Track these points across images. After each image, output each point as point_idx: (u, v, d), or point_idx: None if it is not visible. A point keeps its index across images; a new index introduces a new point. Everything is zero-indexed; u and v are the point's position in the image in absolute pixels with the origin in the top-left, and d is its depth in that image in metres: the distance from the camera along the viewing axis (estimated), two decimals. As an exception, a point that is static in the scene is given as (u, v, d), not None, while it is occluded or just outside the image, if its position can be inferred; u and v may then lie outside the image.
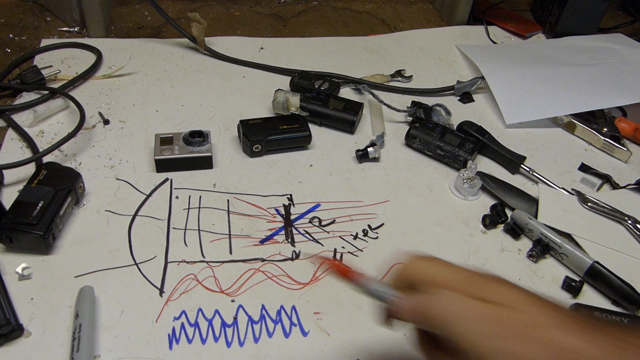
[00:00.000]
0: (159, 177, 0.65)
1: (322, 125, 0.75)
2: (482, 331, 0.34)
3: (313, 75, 0.81)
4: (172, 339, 0.49)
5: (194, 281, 0.54)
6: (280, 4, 1.04)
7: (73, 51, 0.84)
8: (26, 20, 0.91)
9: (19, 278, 0.52)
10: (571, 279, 0.57)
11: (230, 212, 0.62)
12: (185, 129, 0.69)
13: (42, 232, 0.53)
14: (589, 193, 0.67)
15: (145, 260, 0.56)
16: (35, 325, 0.49)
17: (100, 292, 0.52)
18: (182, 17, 0.95)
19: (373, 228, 0.62)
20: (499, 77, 0.82)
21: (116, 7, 0.97)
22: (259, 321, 0.51)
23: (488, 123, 0.77)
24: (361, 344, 0.50)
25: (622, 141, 0.76)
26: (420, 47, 0.94)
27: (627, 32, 1.00)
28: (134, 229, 0.58)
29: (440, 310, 0.36)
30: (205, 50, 0.86)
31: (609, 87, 0.81)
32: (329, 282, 0.55)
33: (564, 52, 0.90)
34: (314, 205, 0.63)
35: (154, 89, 0.79)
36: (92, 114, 0.73)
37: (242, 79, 0.83)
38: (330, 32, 0.97)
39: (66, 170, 0.60)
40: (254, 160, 0.69)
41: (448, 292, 0.36)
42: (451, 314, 0.35)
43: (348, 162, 0.70)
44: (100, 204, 0.61)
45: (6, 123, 0.70)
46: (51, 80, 0.77)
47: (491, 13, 1.04)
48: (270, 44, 0.91)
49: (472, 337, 0.34)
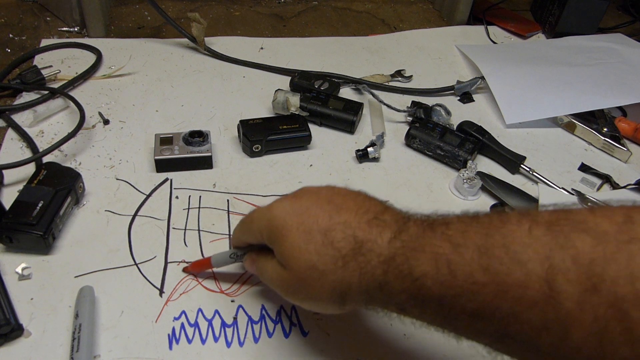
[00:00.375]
0: (159, 177, 0.65)
1: (322, 125, 0.75)
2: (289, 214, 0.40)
3: (313, 75, 0.81)
4: (172, 339, 0.49)
5: (193, 281, 0.54)
6: (280, 4, 1.04)
7: (73, 51, 0.84)
8: (26, 20, 0.91)
9: (19, 278, 0.52)
10: (571, 279, 0.56)
11: (230, 212, 0.62)
12: (185, 129, 0.69)
13: (42, 232, 0.53)
14: (589, 193, 0.67)
15: (145, 260, 0.56)
16: (35, 325, 0.49)
17: (100, 292, 0.52)
18: (182, 17, 0.95)
19: (373, 228, 0.61)
20: (499, 77, 0.82)
21: (116, 7, 0.97)
22: (259, 321, 0.51)
23: (488, 123, 0.77)
24: (361, 344, 0.50)
25: (622, 141, 0.76)
26: (420, 47, 0.94)
27: (627, 32, 1.00)
28: (134, 229, 0.58)
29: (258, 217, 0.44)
30: (205, 50, 0.86)
31: (609, 87, 0.81)
32: (328, 282, 0.55)
33: (564, 52, 0.90)
34: (314, 205, 0.63)
35: (154, 89, 0.79)
36: (92, 114, 0.73)
37: (242, 79, 0.83)
38: (330, 32, 0.97)
39: (66, 170, 0.60)
40: (254, 160, 0.69)
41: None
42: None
43: (348, 162, 0.70)
44: (100, 204, 0.61)
45: (6, 123, 0.70)
46: (51, 80, 0.77)
47: (491, 13, 1.04)
48: (270, 44, 0.91)
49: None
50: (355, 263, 0.37)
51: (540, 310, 0.30)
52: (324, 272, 0.38)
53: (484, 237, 0.33)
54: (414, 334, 0.51)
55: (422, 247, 0.35)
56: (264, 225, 0.42)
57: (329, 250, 0.38)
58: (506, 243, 0.32)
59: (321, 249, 0.38)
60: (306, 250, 0.39)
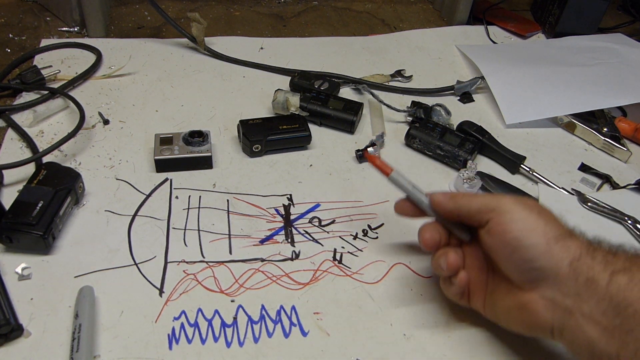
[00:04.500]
0: (159, 177, 0.65)
1: (322, 125, 0.75)
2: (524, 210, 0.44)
3: (313, 75, 0.81)
4: (171, 339, 0.49)
5: (193, 281, 0.54)
6: (280, 4, 1.04)
7: (73, 51, 0.84)
8: (26, 20, 0.91)
9: (19, 278, 0.52)
10: (571, 279, 0.56)
11: (230, 212, 0.62)
12: (185, 129, 0.69)
13: (42, 232, 0.53)
14: (589, 193, 0.67)
15: (145, 260, 0.56)
16: (35, 326, 0.49)
17: (100, 292, 0.52)
18: (182, 17, 0.95)
19: (373, 228, 0.62)
20: (499, 77, 0.82)
21: (116, 7, 0.97)
22: (259, 321, 0.51)
23: (488, 123, 0.77)
24: (361, 344, 0.50)
25: (622, 141, 0.76)
26: (420, 47, 0.94)
27: (627, 32, 1.00)
28: (134, 229, 0.58)
29: (488, 195, 0.46)
30: (205, 50, 0.86)
31: (609, 87, 0.80)
32: (329, 282, 0.55)
33: (564, 52, 0.90)
34: (313, 205, 0.63)
35: (154, 89, 0.79)
36: (92, 114, 0.73)
37: (242, 79, 0.83)
38: (330, 32, 0.97)
39: (66, 170, 0.60)
40: (254, 160, 0.69)
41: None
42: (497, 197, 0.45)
43: (348, 162, 0.70)
44: (100, 204, 0.61)
45: (6, 123, 0.70)
46: (51, 80, 0.77)
47: (491, 13, 1.04)
48: (270, 44, 0.91)
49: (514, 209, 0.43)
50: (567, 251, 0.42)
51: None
52: (536, 244, 0.42)
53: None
54: (414, 334, 0.51)
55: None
56: (490, 200, 0.46)
57: (547, 234, 0.42)
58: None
59: (539, 229, 0.43)
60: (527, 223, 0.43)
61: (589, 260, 0.41)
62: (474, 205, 0.46)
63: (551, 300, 0.42)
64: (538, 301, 0.42)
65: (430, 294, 0.55)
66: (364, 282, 0.56)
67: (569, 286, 0.41)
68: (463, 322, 0.53)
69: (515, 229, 0.43)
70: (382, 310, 0.53)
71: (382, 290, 0.55)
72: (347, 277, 0.56)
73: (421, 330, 0.52)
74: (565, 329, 0.41)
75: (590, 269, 0.40)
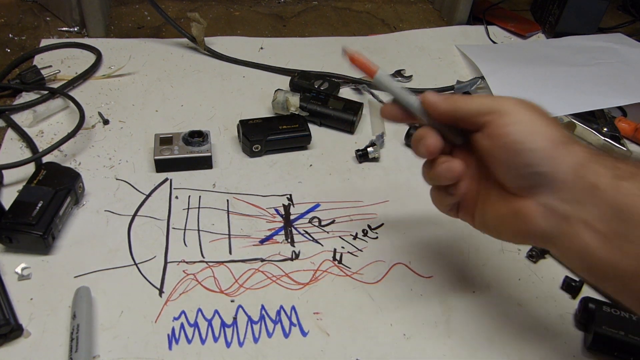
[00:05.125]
0: (159, 177, 0.65)
1: (322, 125, 0.75)
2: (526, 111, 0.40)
3: (313, 75, 0.81)
4: (171, 339, 0.49)
5: (193, 281, 0.54)
6: (280, 4, 1.04)
7: (73, 51, 0.84)
8: (26, 20, 0.91)
9: (19, 278, 0.52)
10: (571, 279, 0.56)
11: (230, 212, 0.62)
12: (185, 129, 0.69)
13: (42, 232, 0.53)
14: (589, 193, 0.67)
15: (145, 260, 0.55)
16: (34, 326, 0.49)
17: (100, 292, 0.52)
18: (182, 17, 0.95)
19: (373, 228, 0.61)
20: (498, 77, 0.82)
21: (116, 7, 0.97)
22: (259, 321, 0.51)
23: (488, 123, 0.77)
24: (361, 344, 0.50)
25: (622, 141, 0.76)
26: (420, 47, 0.94)
27: (627, 32, 1.00)
28: (134, 229, 0.58)
29: (486, 96, 0.42)
30: (205, 50, 0.86)
31: (609, 87, 0.80)
32: (328, 282, 0.55)
33: (564, 52, 0.90)
34: (313, 205, 0.63)
35: (154, 89, 0.79)
36: (92, 114, 0.73)
37: (242, 79, 0.83)
38: (330, 32, 0.97)
39: (66, 170, 0.60)
40: (254, 160, 0.69)
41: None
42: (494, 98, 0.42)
43: (348, 162, 0.70)
44: (100, 204, 0.61)
45: (6, 123, 0.70)
46: (51, 80, 0.77)
47: (491, 13, 1.04)
48: (270, 44, 0.91)
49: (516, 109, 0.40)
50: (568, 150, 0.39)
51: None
52: (537, 144, 0.39)
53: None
54: (414, 334, 0.51)
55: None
56: (489, 102, 0.42)
57: (551, 137, 0.40)
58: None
59: (543, 131, 0.40)
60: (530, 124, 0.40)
61: (594, 165, 0.38)
62: (472, 107, 0.42)
63: (548, 206, 0.39)
64: (534, 208, 0.40)
65: (430, 294, 0.55)
66: (364, 282, 0.56)
67: (569, 192, 0.38)
68: (463, 322, 0.53)
69: (518, 132, 0.39)
70: (382, 310, 0.53)
71: (382, 290, 0.55)
72: (347, 277, 0.56)
73: (421, 330, 0.52)
74: (560, 236, 0.39)
75: (594, 175, 0.38)
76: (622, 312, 0.51)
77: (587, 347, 0.51)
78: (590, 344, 0.50)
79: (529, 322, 0.53)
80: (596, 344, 0.50)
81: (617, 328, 0.49)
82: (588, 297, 0.53)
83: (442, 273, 0.57)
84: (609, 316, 0.51)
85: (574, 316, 0.54)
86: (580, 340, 0.52)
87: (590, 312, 0.51)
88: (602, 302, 0.52)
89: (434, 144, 0.44)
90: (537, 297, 0.56)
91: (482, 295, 0.55)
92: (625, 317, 0.51)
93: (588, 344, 0.51)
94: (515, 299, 0.55)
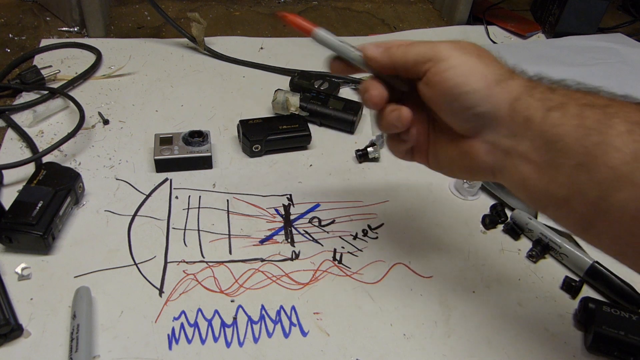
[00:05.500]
0: (159, 177, 0.65)
1: (322, 125, 0.75)
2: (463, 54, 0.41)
3: (313, 75, 0.81)
4: (171, 339, 0.49)
5: (193, 281, 0.54)
6: (280, 4, 1.04)
7: (73, 51, 0.84)
8: (26, 20, 0.91)
9: (19, 278, 0.52)
10: (571, 279, 0.56)
11: (230, 212, 0.62)
12: (185, 129, 0.69)
13: (42, 232, 0.53)
14: (589, 193, 0.67)
15: (145, 260, 0.55)
16: (34, 326, 0.49)
17: (100, 292, 0.52)
18: (181, 17, 0.95)
19: (373, 228, 0.62)
20: (499, 77, 0.82)
21: (116, 7, 0.97)
22: (259, 321, 0.51)
23: (488, 123, 0.77)
24: (361, 344, 0.50)
25: (622, 141, 0.76)
26: (420, 47, 0.94)
27: (627, 32, 1.00)
28: (134, 229, 0.58)
29: (423, 44, 0.43)
30: (205, 50, 0.86)
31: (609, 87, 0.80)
32: (328, 282, 0.55)
33: (564, 52, 0.90)
34: (313, 205, 0.63)
35: (154, 89, 0.79)
36: (92, 114, 0.73)
37: (242, 78, 0.83)
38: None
39: (66, 170, 0.60)
40: (254, 160, 0.69)
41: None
42: (433, 44, 0.42)
43: (348, 162, 0.70)
44: (100, 204, 0.61)
45: (6, 123, 0.70)
46: (51, 80, 0.77)
47: (491, 13, 1.04)
48: (270, 44, 0.91)
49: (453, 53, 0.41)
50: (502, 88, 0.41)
51: None
52: (477, 88, 0.40)
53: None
54: (414, 334, 0.51)
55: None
56: (426, 49, 0.43)
57: (487, 77, 0.41)
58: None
59: (478, 73, 0.41)
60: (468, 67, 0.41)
61: (527, 98, 0.40)
62: (409, 57, 0.43)
63: (492, 143, 0.41)
64: (479, 146, 0.42)
65: (430, 294, 0.55)
66: (364, 282, 0.56)
67: (508, 128, 0.40)
68: (463, 322, 0.53)
69: (454, 76, 0.40)
70: (382, 310, 0.53)
71: (382, 290, 0.55)
72: (347, 277, 0.56)
73: (421, 330, 0.52)
74: (503, 170, 0.41)
75: (527, 108, 0.39)
76: (622, 312, 0.51)
77: (587, 347, 0.51)
78: (590, 344, 0.50)
79: (529, 322, 0.53)
80: (596, 344, 0.50)
81: (617, 328, 0.49)
82: (588, 297, 0.53)
83: (442, 273, 0.57)
84: (609, 316, 0.51)
85: (574, 316, 0.54)
86: (580, 340, 0.52)
87: (590, 312, 0.51)
88: (602, 302, 0.52)
89: (378, 94, 0.45)
90: (537, 297, 0.56)
91: (482, 295, 0.55)
92: (625, 317, 0.51)
93: (588, 344, 0.51)
94: (515, 299, 0.55)
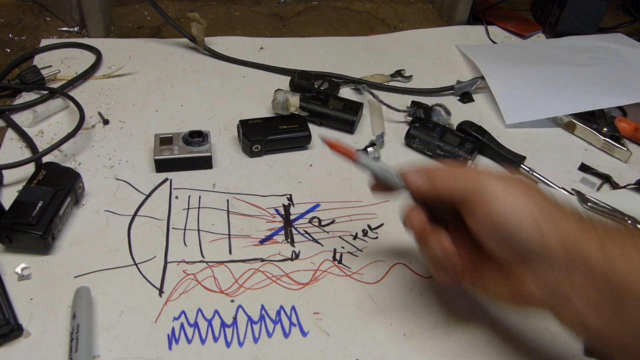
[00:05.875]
0: (159, 177, 0.65)
1: (322, 125, 0.75)
2: (507, 188, 0.41)
3: (313, 75, 0.81)
4: (171, 339, 0.49)
5: (193, 281, 0.54)
6: (280, 4, 1.04)
7: (73, 51, 0.84)
8: (26, 20, 0.91)
9: (19, 278, 0.52)
10: (571, 279, 0.56)
11: (230, 212, 0.62)
12: (184, 129, 0.69)
13: (42, 232, 0.53)
14: (589, 193, 0.67)
15: (145, 260, 0.55)
16: (34, 326, 0.49)
17: (100, 292, 0.52)
18: (181, 17, 0.95)
19: (373, 228, 0.61)
20: (498, 77, 0.82)
21: (116, 7, 0.97)
22: (259, 321, 0.51)
23: (488, 123, 0.77)
24: (361, 344, 0.50)
25: (622, 141, 0.76)
26: (420, 47, 0.94)
27: (627, 32, 1.00)
28: (134, 229, 0.58)
29: (466, 174, 0.44)
30: (205, 50, 0.86)
31: (609, 87, 0.80)
32: (328, 282, 0.55)
33: (564, 52, 0.90)
34: (313, 205, 0.63)
35: (154, 89, 0.79)
36: (92, 114, 0.73)
37: (242, 78, 0.83)
38: (330, 32, 0.97)
39: (66, 170, 0.60)
40: (254, 160, 0.69)
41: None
42: (478, 173, 0.43)
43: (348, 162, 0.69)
44: (100, 204, 0.61)
45: (6, 123, 0.70)
46: (51, 80, 0.77)
47: (491, 13, 1.04)
48: (270, 44, 0.91)
49: (496, 188, 0.41)
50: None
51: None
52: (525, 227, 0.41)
53: None
54: (414, 334, 0.51)
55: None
56: (468, 182, 0.43)
57: (534, 215, 0.41)
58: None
59: (527, 211, 0.41)
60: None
61: (579, 235, 0.40)
62: (453, 190, 0.43)
63: (542, 277, 0.41)
64: (529, 279, 0.42)
65: (430, 294, 0.55)
66: (363, 282, 0.56)
67: (559, 263, 0.40)
68: (463, 322, 0.53)
69: (501, 213, 0.41)
70: (382, 310, 0.53)
71: (382, 290, 0.55)
72: (347, 277, 0.56)
73: (421, 330, 0.52)
74: (555, 305, 0.41)
75: (581, 244, 0.39)
76: None
77: (587, 347, 0.51)
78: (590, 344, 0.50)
79: (529, 322, 0.53)
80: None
81: (617, 328, 0.49)
82: None
83: (442, 273, 0.57)
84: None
85: (574, 316, 0.54)
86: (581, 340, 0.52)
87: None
88: None
89: (417, 221, 0.46)
90: (537, 297, 0.56)
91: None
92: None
93: (588, 344, 0.51)
94: (515, 299, 0.55)
